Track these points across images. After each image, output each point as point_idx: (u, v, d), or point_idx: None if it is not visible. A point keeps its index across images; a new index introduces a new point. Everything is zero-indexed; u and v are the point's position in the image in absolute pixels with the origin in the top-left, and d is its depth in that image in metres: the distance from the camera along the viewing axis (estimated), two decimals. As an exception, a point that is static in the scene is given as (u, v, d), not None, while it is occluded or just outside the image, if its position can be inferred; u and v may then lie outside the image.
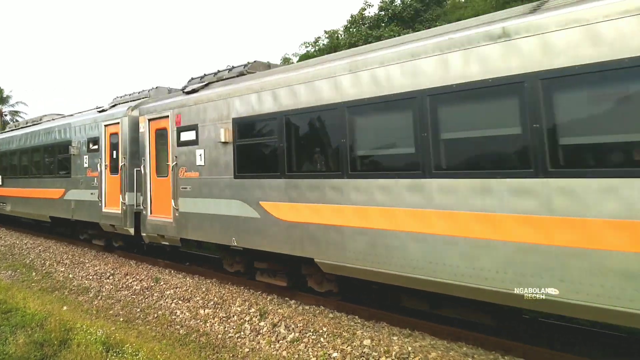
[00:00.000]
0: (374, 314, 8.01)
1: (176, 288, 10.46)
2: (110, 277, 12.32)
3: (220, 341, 8.00)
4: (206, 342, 8.02)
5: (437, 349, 6.36)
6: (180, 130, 10.73)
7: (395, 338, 6.85)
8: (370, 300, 8.45)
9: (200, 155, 10.07)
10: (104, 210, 13.65)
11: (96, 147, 14.15)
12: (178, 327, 8.85)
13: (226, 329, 8.37)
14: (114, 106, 14.31)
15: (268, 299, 9.19)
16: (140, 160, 12.13)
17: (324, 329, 7.38)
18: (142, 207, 12.02)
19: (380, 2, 29.00)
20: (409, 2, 27.54)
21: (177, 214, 10.73)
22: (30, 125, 20.08)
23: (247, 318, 8.42)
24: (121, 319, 9.60)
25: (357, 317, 8.03)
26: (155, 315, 9.56)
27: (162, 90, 13.89)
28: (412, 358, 6.17)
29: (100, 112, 14.49)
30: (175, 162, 10.76)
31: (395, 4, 28.27)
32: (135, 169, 12.45)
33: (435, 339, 6.92)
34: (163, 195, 11.30)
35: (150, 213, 11.76)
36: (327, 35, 32.28)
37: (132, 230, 12.67)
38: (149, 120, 11.80)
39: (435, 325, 7.31)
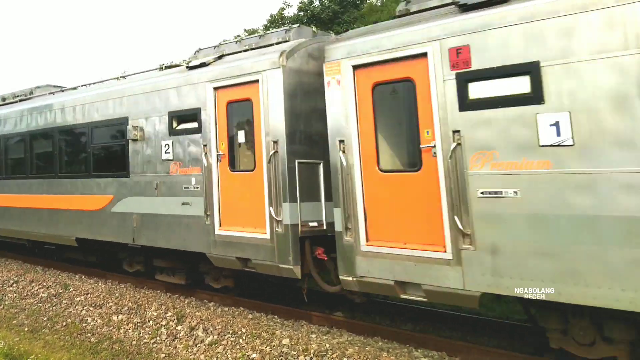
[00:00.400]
0: (293, 313, 8.10)
1: (87, 294, 10.00)
2: (14, 285, 11.56)
3: (134, 348, 7.76)
4: (120, 350, 7.75)
5: (355, 345, 6.54)
6: (467, 78, 5.81)
7: (313, 336, 6.96)
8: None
9: (557, 124, 5.19)
10: (218, 232, 8.18)
11: (193, 125, 8.70)
12: (89, 335, 8.48)
13: (141, 334, 8.13)
14: (220, 57, 8.92)
15: (186, 302, 9.02)
16: (317, 145, 7.68)
17: (243, 330, 7.36)
18: (340, 229, 6.87)
19: (300, 3, 29.25)
20: (327, 3, 27.98)
21: (465, 246, 5.69)
22: (16, 102, 14.03)
23: (164, 322, 8.22)
24: (26, 329, 9.07)
25: (276, 316, 8.08)
26: (64, 324, 9.09)
27: (307, 31, 8.94)
28: (330, 355, 6.31)
29: (192, 68, 8.91)
30: (456, 143, 5.80)
31: (314, 5, 28.63)
32: (296, 162, 7.49)
33: (352, 335, 7.11)
34: (399, 207, 6.40)
35: (367, 240, 6.63)
36: (247, 34, 32.10)
37: (298, 271, 7.40)
38: (355, 67, 6.78)
39: (353, 321, 7.52)
